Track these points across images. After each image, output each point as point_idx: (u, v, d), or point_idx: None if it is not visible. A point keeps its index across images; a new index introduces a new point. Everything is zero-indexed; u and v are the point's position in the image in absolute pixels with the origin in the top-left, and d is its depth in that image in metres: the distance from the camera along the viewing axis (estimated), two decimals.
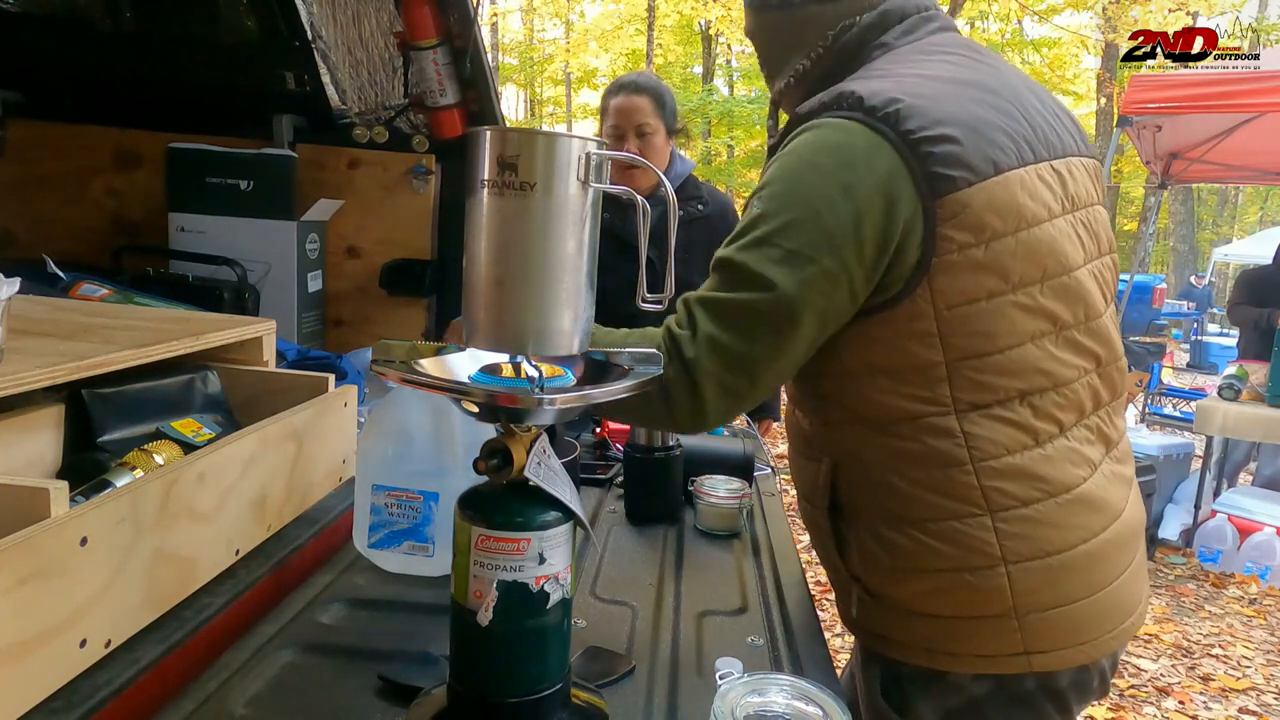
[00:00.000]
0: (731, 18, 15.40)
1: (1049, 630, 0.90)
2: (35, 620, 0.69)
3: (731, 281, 0.87)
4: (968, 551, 0.89)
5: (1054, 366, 0.90)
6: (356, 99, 2.54)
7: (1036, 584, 0.89)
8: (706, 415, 0.89)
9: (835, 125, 0.87)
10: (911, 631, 0.95)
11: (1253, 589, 3.78)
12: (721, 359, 0.86)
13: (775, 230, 0.85)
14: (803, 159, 0.87)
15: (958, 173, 0.84)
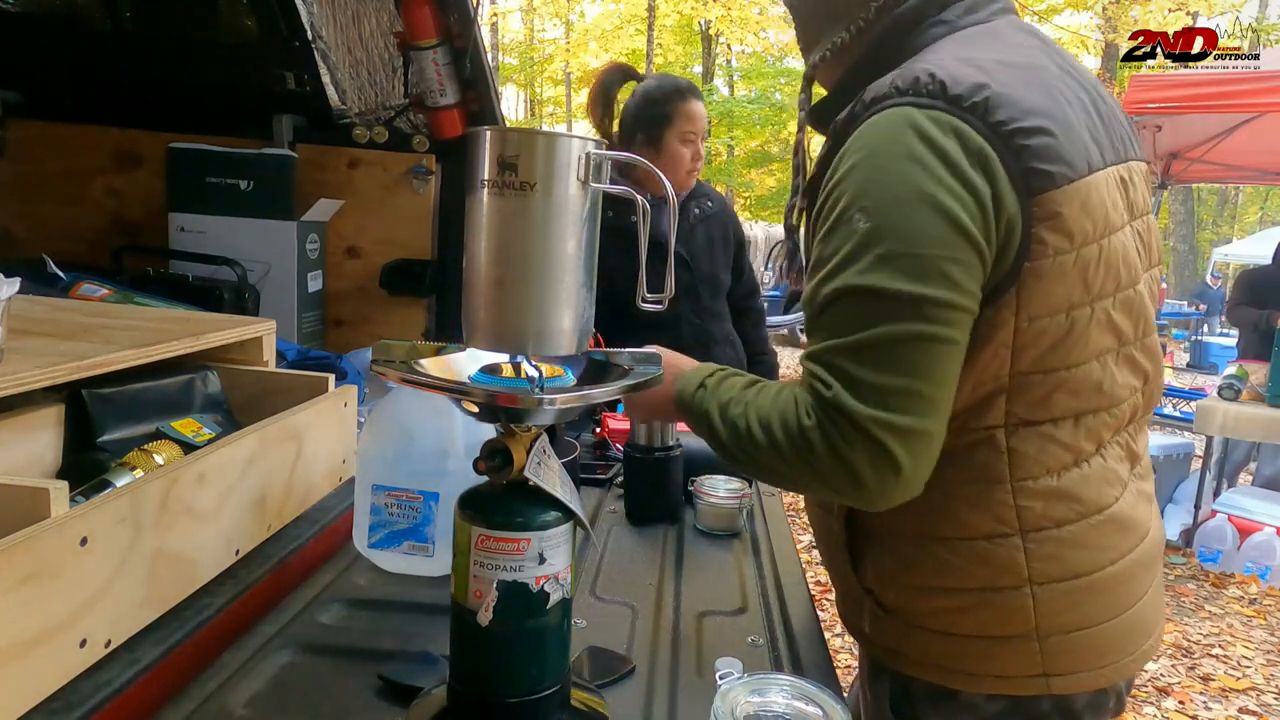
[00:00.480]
0: (731, 18, 15.38)
1: (1070, 653, 0.87)
2: (35, 620, 0.69)
3: (869, 314, 0.76)
4: (995, 571, 0.86)
5: (1112, 386, 0.86)
6: (356, 99, 2.54)
7: (1061, 606, 0.86)
8: (904, 476, 0.76)
9: (917, 115, 0.77)
10: (926, 648, 0.91)
11: (1253, 589, 3.78)
12: (898, 404, 0.75)
13: (894, 242, 0.75)
14: (890, 153, 0.77)
15: (1055, 168, 0.77)
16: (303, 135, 2.44)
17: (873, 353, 0.76)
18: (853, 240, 0.77)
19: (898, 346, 0.75)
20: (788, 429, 0.80)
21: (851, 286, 0.77)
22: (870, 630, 0.96)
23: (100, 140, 2.47)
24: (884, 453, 0.75)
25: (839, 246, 0.78)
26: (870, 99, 0.82)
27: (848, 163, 0.80)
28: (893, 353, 0.75)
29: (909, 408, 0.75)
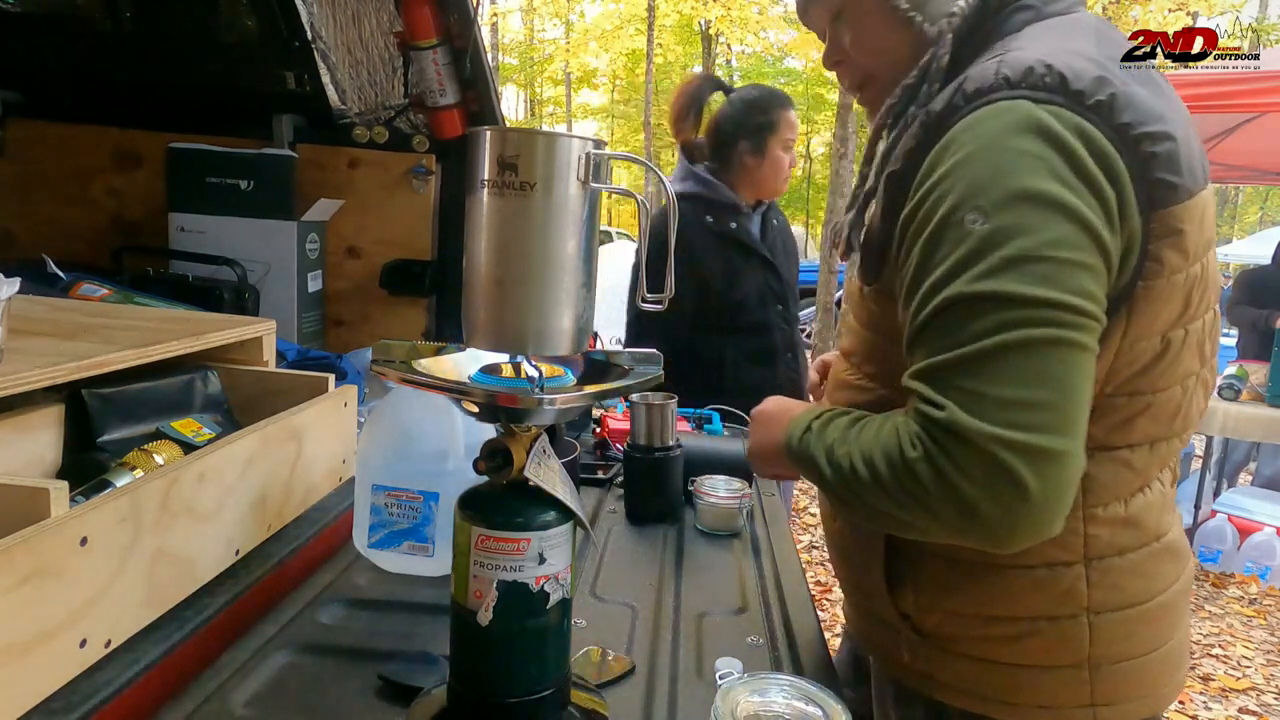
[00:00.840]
0: (731, 18, 15.38)
1: (1121, 683, 0.85)
2: (35, 620, 0.69)
3: (991, 323, 0.68)
4: (1052, 600, 0.82)
5: (1189, 410, 0.82)
6: (356, 99, 2.54)
7: (1116, 635, 0.83)
8: (1032, 503, 0.66)
9: (1037, 110, 0.70)
10: (966, 676, 0.87)
11: (1253, 589, 3.78)
12: (1026, 420, 0.66)
13: (1021, 243, 0.68)
14: (1008, 149, 0.70)
15: (1179, 180, 0.71)
16: (303, 135, 2.44)
17: (996, 363, 0.67)
18: (967, 243, 0.69)
19: (1028, 354, 0.67)
20: (891, 463, 0.72)
21: (970, 294, 0.68)
22: (904, 655, 0.92)
23: (100, 140, 2.47)
24: (1005, 476, 0.65)
25: (949, 252, 0.70)
26: (973, 90, 0.74)
27: (952, 157, 0.72)
28: (1022, 362, 0.67)
29: (1040, 424, 0.65)
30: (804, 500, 4.63)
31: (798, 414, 0.89)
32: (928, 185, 0.74)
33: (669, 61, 20.05)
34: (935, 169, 0.74)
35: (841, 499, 0.81)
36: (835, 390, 0.98)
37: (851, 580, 0.99)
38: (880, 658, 0.98)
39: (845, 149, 8.18)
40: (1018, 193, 0.69)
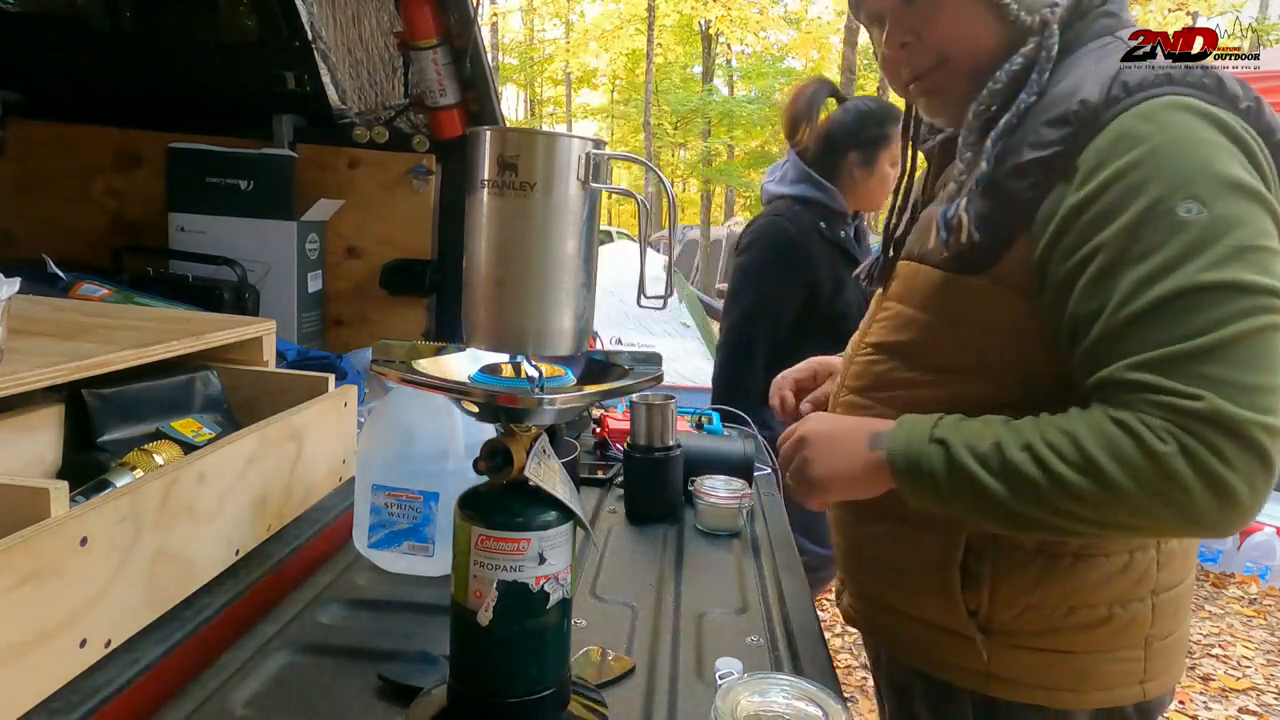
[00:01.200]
0: (731, 18, 15.38)
1: (1165, 657, 0.89)
2: (35, 620, 0.69)
3: (1228, 311, 0.68)
4: (1131, 585, 0.85)
5: None
6: (356, 99, 2.54)
7: (1168, 613, 0.87)
8: (1270, 487, 0.68)
9: (1208, 108, 0.73)
10: (1029, 668, 0.88)
11: (1253, 589, 3.78)
12: (1273, 406, 0.67)
13: (1242, 234, 0.69)
14: (1200, 140, 0.72)
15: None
16: (303, 135, 2.44)
17: (1243, 351, 0.67)
18: (1187, 233, 0.69)
19: (1267, 341, 0.67)
20: (1126, 461, 0.68)
21: (1205, 283, 0.68)
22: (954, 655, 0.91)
23: (100, 140, 2.47)
24: (1264, 462, 0.66)
25: (1165, 239, 0.70)
26: (1135, 84, 0.75)
27: (1137, 149, 0.72)
28: (1263, 349, 0.67)
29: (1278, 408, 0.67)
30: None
31: (882, 427, 0.84)
32: (1109, 173, 0.73)
33: (669, 61, 20.06)
34: (1115, 158, 0.73)
35: (1012, 514, 0.75)
36: (874, 389, 0.96)
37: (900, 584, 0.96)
38: (928, 663, 0.96)
39: None
40: (1229, 183, 0.70)
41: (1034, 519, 0.74)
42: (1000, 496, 0.74)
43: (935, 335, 0.90)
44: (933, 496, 0.79)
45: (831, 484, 0.87)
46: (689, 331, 6.23)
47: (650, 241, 0.76)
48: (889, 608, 0.99)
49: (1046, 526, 0.75)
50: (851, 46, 7.85)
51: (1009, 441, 0.75)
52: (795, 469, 0.89)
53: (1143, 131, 0.73)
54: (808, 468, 0.88)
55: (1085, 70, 0.80)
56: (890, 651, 1.04)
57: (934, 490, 0.78)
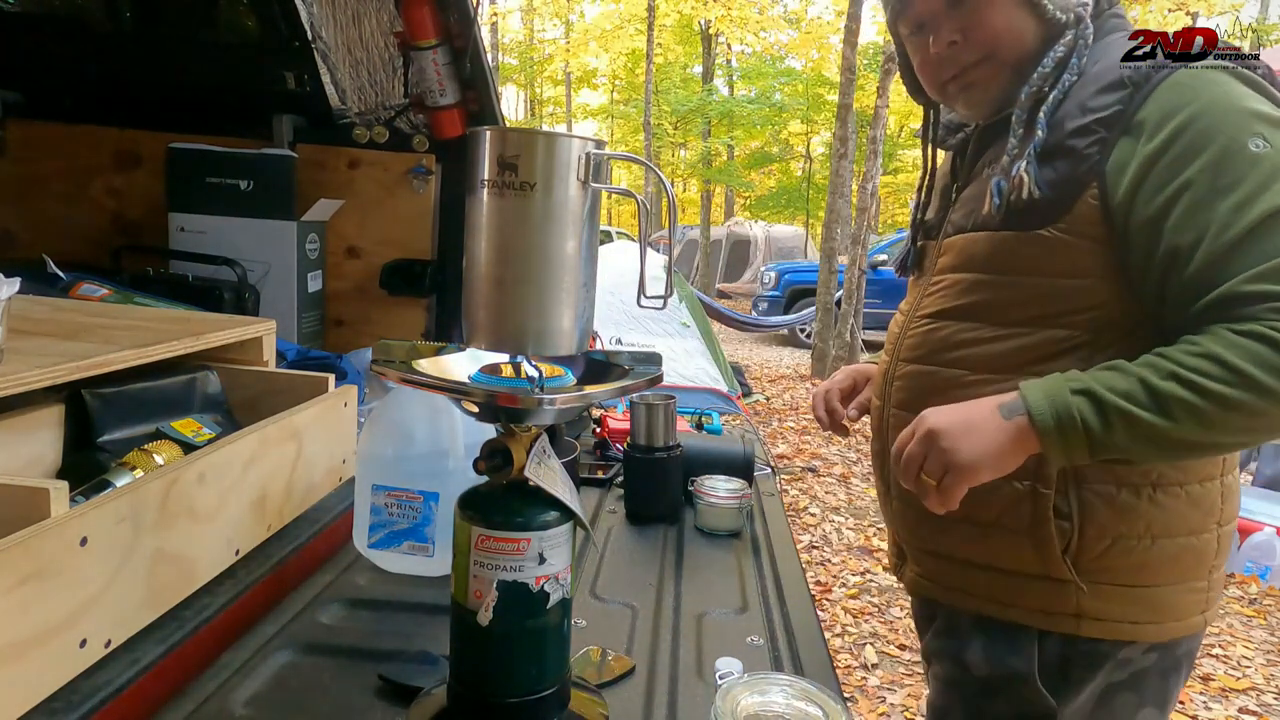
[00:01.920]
0: (731, 18, 15.38)
1: (1218, 586, 0.97)
2: (35, 620, 0.69)
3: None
4: (1202, 514, 0.92)
5: None
6: (356, 99, 2.54)
7: (1223, 547, 0.96)
8: None
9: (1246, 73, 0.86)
10: (1115, 605, 0.93)
11: (1253, 589, 3.78)
12: None
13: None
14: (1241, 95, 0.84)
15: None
16: (303, 135, 2.44)
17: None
18: (1262, 165, 0.79)
19: None
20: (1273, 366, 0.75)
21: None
22: (1031, 597, 0.95)
23: (100, 140, 2.47)
24: None
25: (1244, 173, 0.79)
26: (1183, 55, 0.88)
27: (1198, 102, 0.83)
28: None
29: None
30: (804, 501, 4.63)
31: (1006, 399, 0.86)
32: (1178, 122, 0.83)
33: (669, 61, 20.05)
34: (1179, 109, 0.84)
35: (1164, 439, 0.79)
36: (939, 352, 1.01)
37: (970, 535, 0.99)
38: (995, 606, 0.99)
39: (845, 149, 8.18)
40: (1277, 122, 0.82)
41: (1194, 442, 0.79)
42: (1161, 428, 0.78)
43: (1003, 292, 0.96)
44: (1085, 447, 0.81)
45: (981, 465, 0.84)
46: (689, 331, 6.23)
47: (650, 241, 0.76)
48: (965, 563, 1.01)
49: (1205, 447, 0.82)
50: (851, 46, 7.85)
51: (1150, 376, 0.79)
52: (935, 463, 0.86)
53: (1195, 86, 0.84)
54: (952, 456, 0.85)
55: (1116, 53, 0.92)
56: (952, 607, 1.05)
57: (1088, 440, 0.80)
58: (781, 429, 6.23)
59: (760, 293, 11.99)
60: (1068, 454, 0.82)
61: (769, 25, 16.97)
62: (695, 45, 19.79)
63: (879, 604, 3.34)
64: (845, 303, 7.98)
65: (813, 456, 5.50)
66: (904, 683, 2.78)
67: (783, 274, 11.83)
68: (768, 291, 11.71)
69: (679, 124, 19.52)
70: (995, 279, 0.97)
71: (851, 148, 8.50)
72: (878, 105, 7.69)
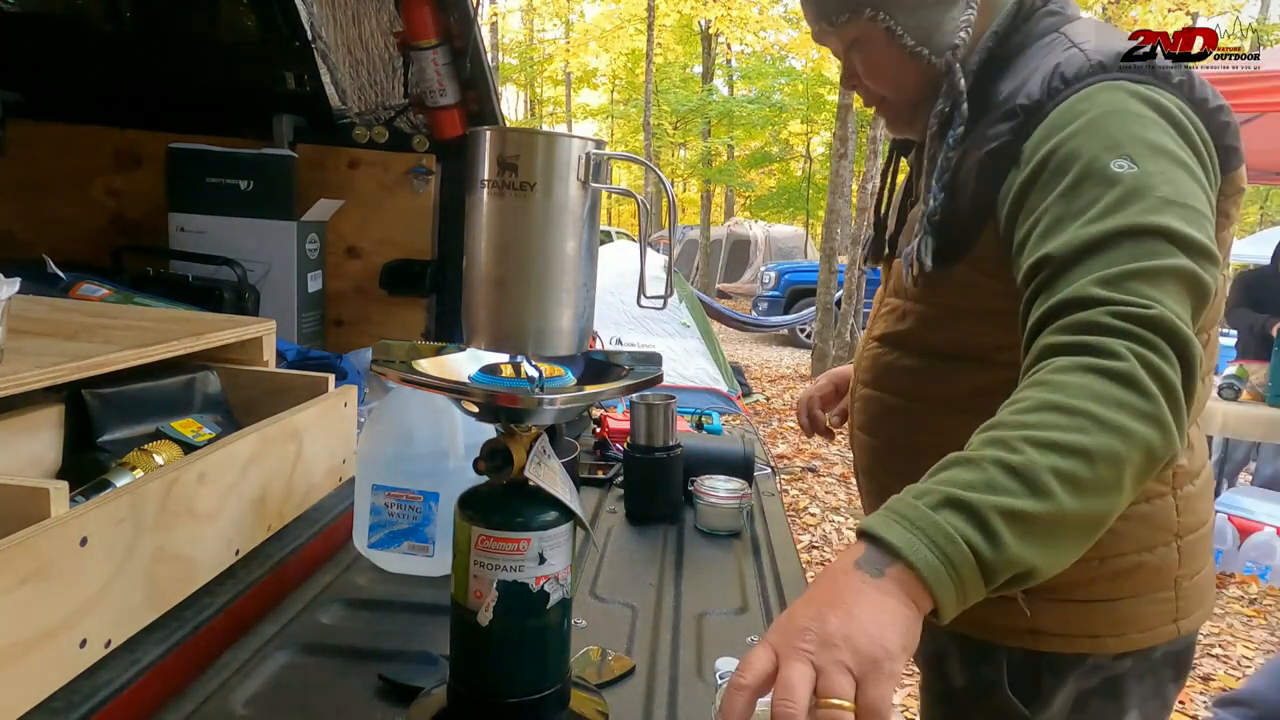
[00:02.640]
0: (731, 17, 15.38)
1: (1195, 594, 0.95)
2: (35, 620, 0.69)
3: (1158, 250, 0.71)
4: (1153, 530, 0.92)
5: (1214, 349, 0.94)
6: (356, 99, 2.54)
7: (1194, 554, 0.94)
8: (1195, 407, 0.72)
9: (1138, 88, 0.81)
10: (1073, 621, 0.93)
11: (1253, 589, 3.78)
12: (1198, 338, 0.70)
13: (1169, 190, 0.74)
14: (1130, 114, 0.79)
15: (1239, 145, 0.85)
16: (303, 135, 2.44)
17: (1172, 285, 0.70)
18: (1119, 185, 0.75)
19: (1181, 283, 0.71)
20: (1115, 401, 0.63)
21: (1140, 225, 0.72)
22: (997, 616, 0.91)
23: (100, 140, 2.46)
24: (1192, 383, 0.67)
25: (1100, 194, 0.76)
26: (1072, 75, 0.83)
27: (1075, 123, 0.80)
28: (1178, 289, 0.71)
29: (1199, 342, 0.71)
30: (804, 501, 4.63)
31: (859, 550, 0.60)
32: (1048, 148, 0.80)
33: (669, 61, 20.05)
34: (1054, 135, 0.81)
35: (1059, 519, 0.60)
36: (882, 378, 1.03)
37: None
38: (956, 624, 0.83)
39: (845, 149, 8.18)
40: (1155, 146, 0.77)
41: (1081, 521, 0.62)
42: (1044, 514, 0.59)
43: (929, 323, 0.97)
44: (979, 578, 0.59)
45: (896, 651, 0.56)
46: (689, 331, 6.23)
47: (650, 241, 0.76)
48: None
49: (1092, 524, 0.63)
50: None
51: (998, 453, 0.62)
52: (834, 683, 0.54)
53: (1078, 109, 0.81)
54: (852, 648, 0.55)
55: (1029, 69, 0.88)
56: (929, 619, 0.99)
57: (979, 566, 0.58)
58: (781, 429, 6.23)
59: (760, 293, 12.00)
60: (961, 597, 0.59)
61: (769, 25, 16.97)
62: (695, 45, 19.79)
63: None
64: (845, 303, 7.98)
65: (813, 456, 5.50)
66: (904, 682, 2.78)
67: (783, 274, 11.84)
68: (768, 291, 11.71)
69: (679, 124, 19.51)
70: (924, 309, 0.97)
71: (851, 148, 8.50)
72: None
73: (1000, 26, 0.93)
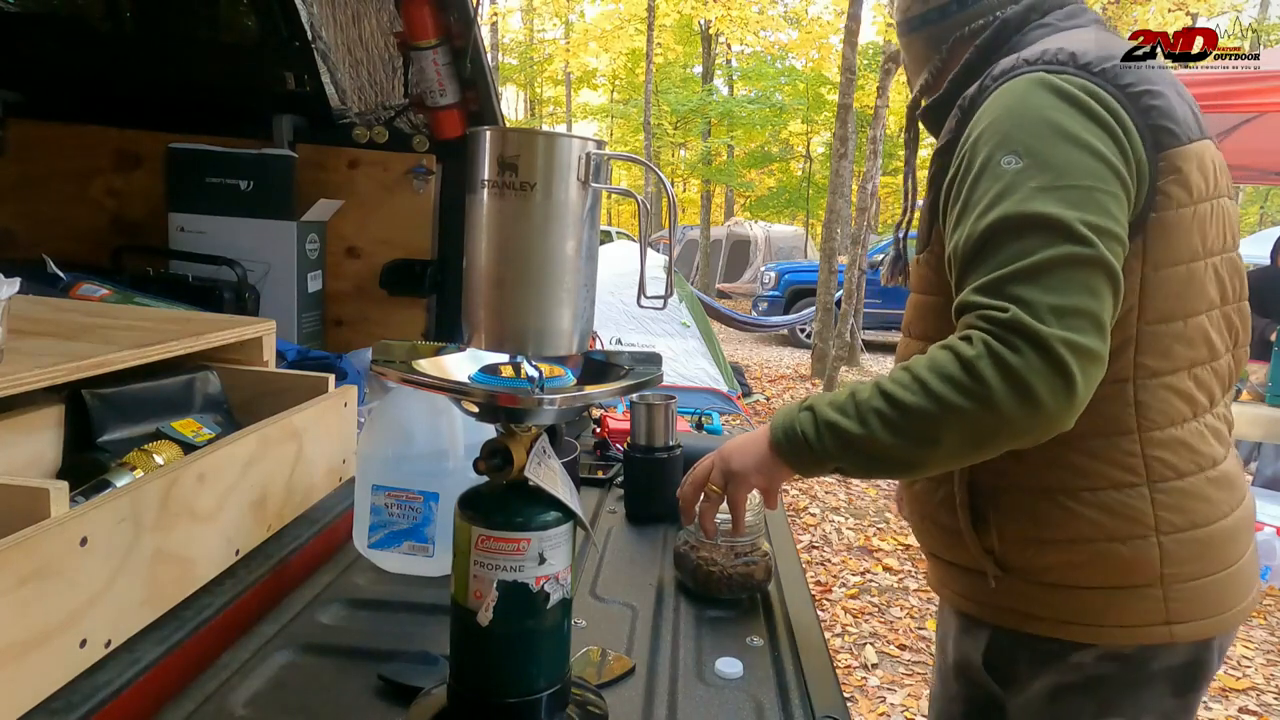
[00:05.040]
0: (731, 17, 15.38)
1: (1194, 600, 0.92)
2: (35, 620, 0.69)
3: (1035, 241, 0.78)
4: (1123, 521, 0.91)
5: (1215, 338, 0.93)
6: (356, 99, 2.54)
7: (1186, 555, 0.91)
8: (1077, 399, 0.77)
9: (1050, 77, 0.85)
10: (1043, 604, 0.95)
11: None
12: (1075, 324, 0.76)
13: (1050, 175, 0.80)
14: (1030, 104, 0.84)
15: (1176, 127, 0.86)
16: (303, 135, 2.44)
17: (1045, 275, 0.77)
18: (1004, 179, 0.82)
19: (1068, 269, 0.77)
20: (945, 375, 0.78)
21: (1014, 215, 0.79)
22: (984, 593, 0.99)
23: (100, 140, 2.46)
24: (1064, 372, 0.75)
25: (989, 188, 0.83)
26: (999, 73, 0.90)
27: (984, 122, 0.87)
28: (1064, 274, 0.77)
29: (1085, 328, 0.76)
30: (803, 500, 4.63)
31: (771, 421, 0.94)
32: (966, 147, 0.88)
33: (669, 61, 20.05)
34: (971, 134, 0.88)
35: (877, 450, 0.83)
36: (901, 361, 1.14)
37: (932, 531, 1.05)
38: (957, 599, 1.05)
39: (845, 149, 8.18)
40: (1041, 134, 0.82)
41: (894, 454, 0.83)
42: (858, 436, 0.83)
43: (924, 312, 1.03)
44: (809, 457, 0.87)
45: (747, 473, 0.94)
46: (689, 331, 6.23)
47: (650, 241, 0.76)
48: (932, 556, 1.08)
49: (907, 461, 0.84)
50: (851, 46, 7.84)
51: (861, 388, 0.85)
52: (716, 474, 0.97)
53: (990, 107, 0.88)
54: (725, 466, 0.96)
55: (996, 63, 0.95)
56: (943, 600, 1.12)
57: (808, 450, 0.87)
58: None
59: (760, 293, 12.00)
60: (798, 464, 0.90)
61: (769, 25, 16.97)
62: (695, 45, 19.79)
63: (879, 604, 3.34)
64: (845, 303, 7.98)
65: None
66: (904, 683, 2.78)
67: (783, 274, 11.84)
68: (768, 291, 11.71)
69: (679, 124, 19.51)
70: (922, 299, 1.03)
71: (851, 148, 8.50)
72: (878, 105, 7.69)
73: (984, 41, 1.00)
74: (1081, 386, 0.76)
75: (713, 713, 0.80)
